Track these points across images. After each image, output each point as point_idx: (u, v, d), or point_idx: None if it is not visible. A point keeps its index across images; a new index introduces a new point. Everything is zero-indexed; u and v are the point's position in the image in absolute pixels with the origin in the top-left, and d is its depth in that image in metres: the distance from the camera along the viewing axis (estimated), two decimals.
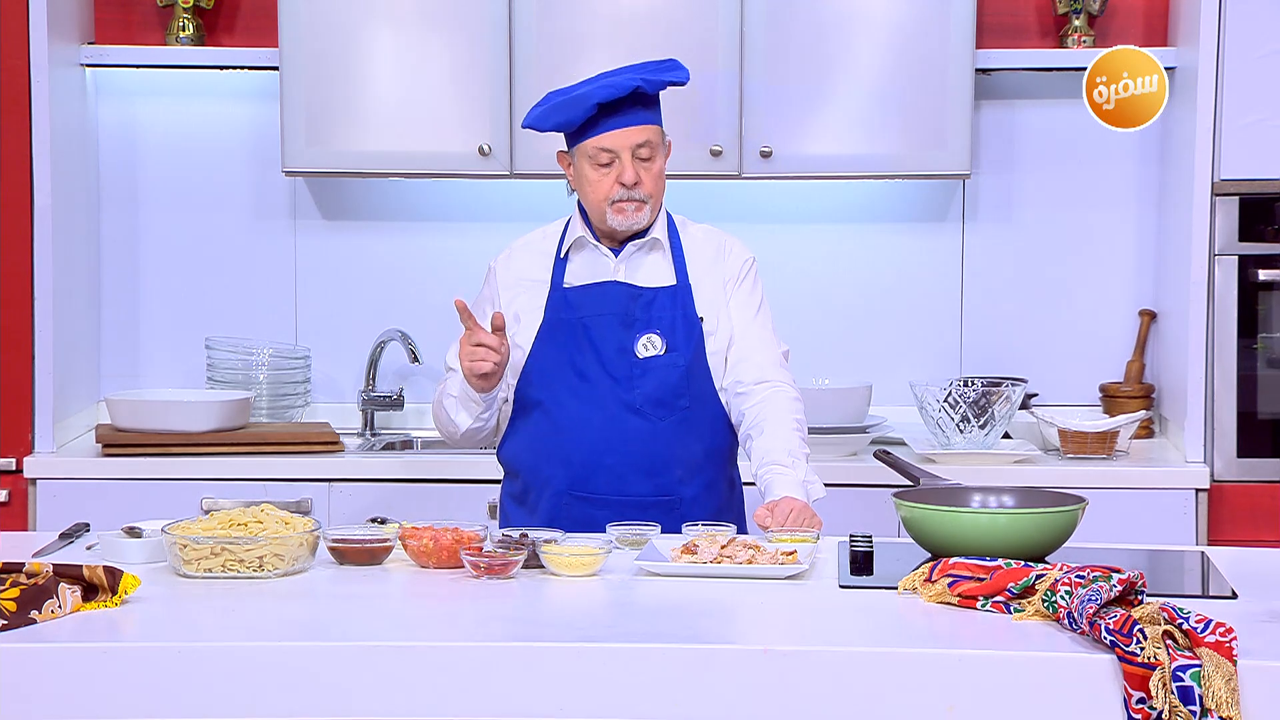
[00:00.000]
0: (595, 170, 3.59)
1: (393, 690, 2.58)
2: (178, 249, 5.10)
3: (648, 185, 3.60)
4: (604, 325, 3.62)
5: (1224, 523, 4.45)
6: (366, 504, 4.41)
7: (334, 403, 5.08)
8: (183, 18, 4.92)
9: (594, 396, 3.60)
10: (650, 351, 3.61)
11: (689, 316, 3.63)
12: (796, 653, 2.58)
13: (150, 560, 3.09)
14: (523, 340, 3.66)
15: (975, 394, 4.64)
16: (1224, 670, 2.46)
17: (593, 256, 3.68)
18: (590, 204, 3.64)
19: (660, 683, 2.57)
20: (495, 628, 2.76)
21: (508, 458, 3.75)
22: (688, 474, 3.62)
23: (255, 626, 2.75)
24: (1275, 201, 4.48)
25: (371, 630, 2.75)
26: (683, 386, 3.60)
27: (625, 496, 3.57)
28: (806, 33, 4.65)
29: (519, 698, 2.58)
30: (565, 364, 3.62)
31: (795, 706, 2.55)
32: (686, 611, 2.85)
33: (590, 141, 3.58)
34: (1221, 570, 3.12)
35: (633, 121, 3.58)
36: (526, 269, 3.72)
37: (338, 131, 4.75)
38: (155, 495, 4.44)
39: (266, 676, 2.59)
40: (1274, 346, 4.52)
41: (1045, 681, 2.53)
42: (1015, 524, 3.08)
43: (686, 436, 3.62)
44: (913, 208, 5.02)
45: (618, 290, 3.64)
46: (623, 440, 3.58)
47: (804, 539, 3.22)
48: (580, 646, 2.63)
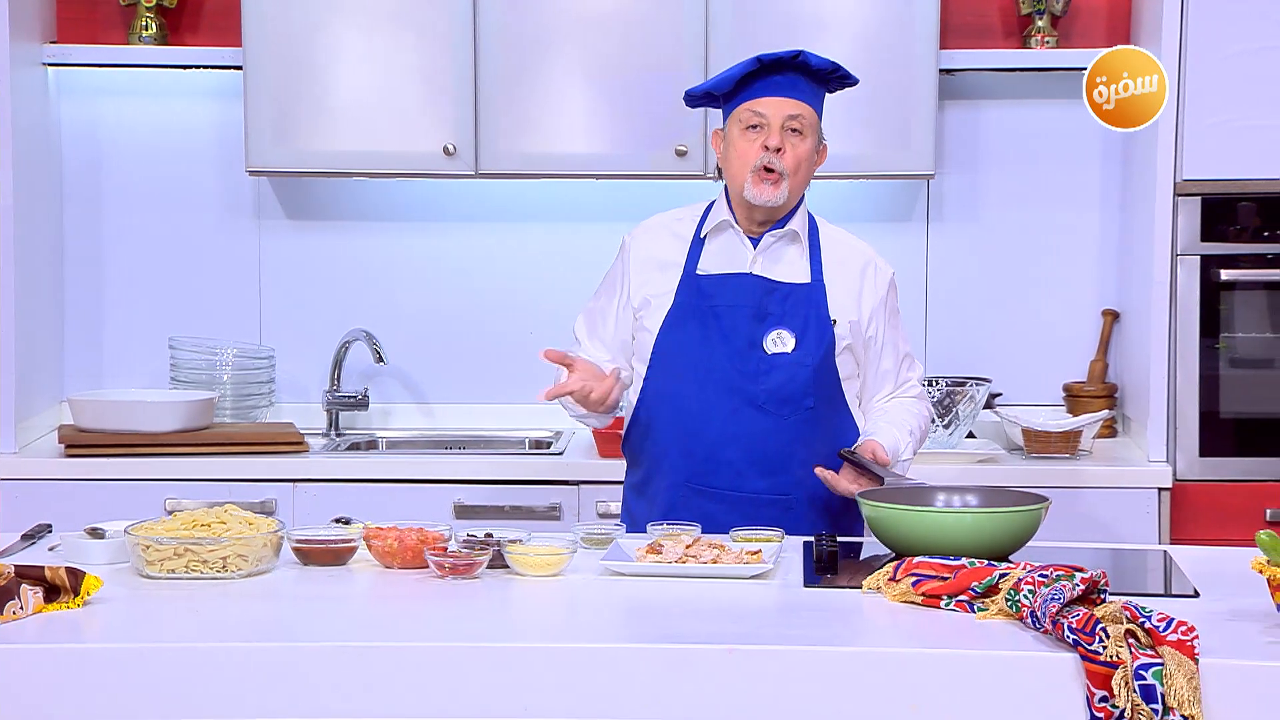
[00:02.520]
0: (744, 135, 3.56)
1: (357, 691, 2.58)
2: (141, 249, 5.08)
3: (790, 160, 3.55)
4: (735, 317, 3.59)
5: (1186, 522, 4.47)
6: (331, 504, 4.40)
7: (298, 403, 5.07)
8: (145, 17, 4.91)
9: (719, 388, 3.57)
10: (779, 348, 3.58)
11: (821, 317, 3.60)
12: (761, 652, 2.59)
13: (113, 561, 3.08)
14: (651, 324, 3.63)
15: (940, 393, 4.65)
16: (1186, 669, 2.47)
17: (730, 243, 3.64)
18: (733, 174, 3.59)
19: (625, 683, 2.57)
20: (460, 628, 2.76)
21: (633, 448, 3.72)
22: (806, 475, 3.58)
23: (218, 627, 2.74)
24: (1237, 201, 4.50)
25: (336, 631, 2.75)
26: (809, 386, 3.58)
27: (741, 492, 3.56)
28: (771, 33, 4.65)
29: (483, 698, 2.57)
30: (692, 353, 3.59)
31: (759, 706, 2.55)
32: (651, 611, 2.85)
33: (745, 105, 3.56)
34: (1184, 569, 3.13)
35: (790, 93, 3.56)
36: (660, 249, 3.68)
37: (302, 131, 4.73)
38: (118, 496, 4.42)
39: (230, 677, 2.58)
40: (1236, 346, 4.54)
41: (1008, 680, 2.54)
42: (979, 523, 3.09)
43: (809, 436, 3.59)
44: (878, 208, 5.03)
45: (752, 283, 3.60)
46: (745, 435, 3.56)
47: (769, 538, 3.23)
48: (544, 647, 2.63)
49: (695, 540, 3.15)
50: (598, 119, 4.72)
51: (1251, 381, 4.56)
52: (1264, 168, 4.46)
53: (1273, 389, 4.56)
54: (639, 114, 4.70)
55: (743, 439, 3.56)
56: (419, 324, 5.10)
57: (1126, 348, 4.93)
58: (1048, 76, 4.96)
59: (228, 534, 3.02)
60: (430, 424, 5.09)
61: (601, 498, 4.47)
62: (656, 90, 4.64)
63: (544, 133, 4.70)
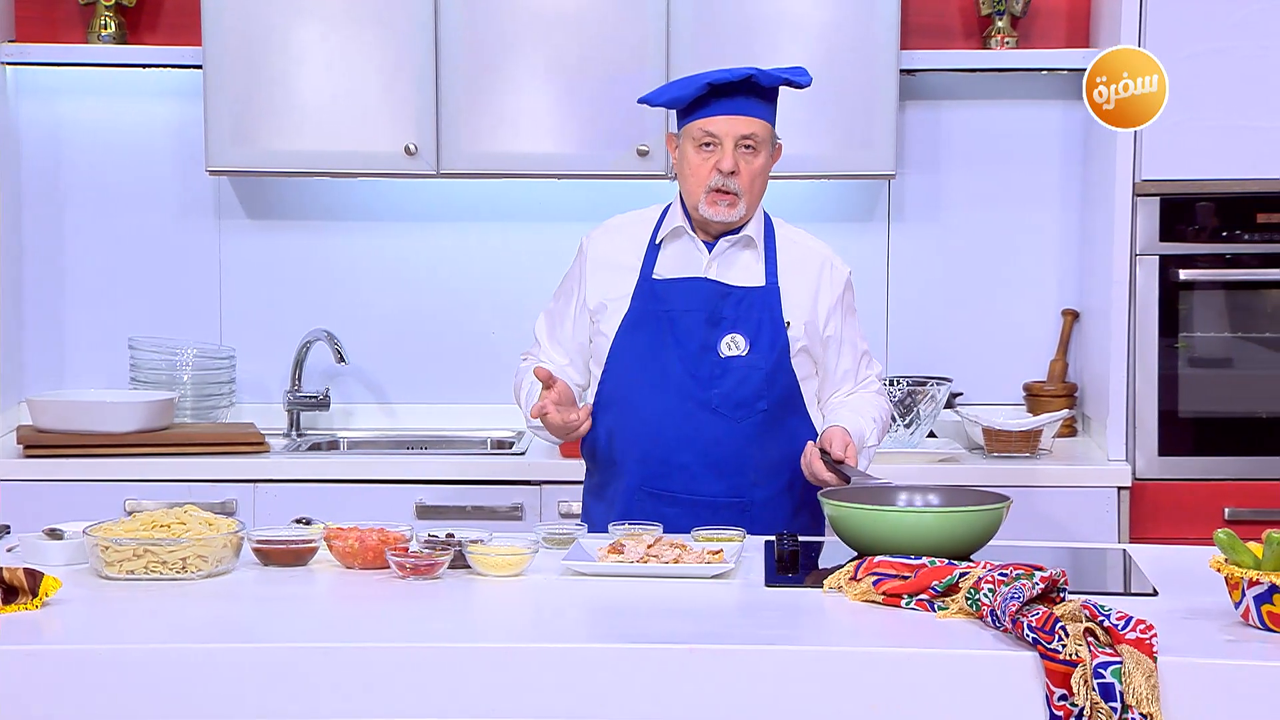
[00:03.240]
0: (697, 153, 3.56)
1: (317, 691, 2.57)
2: (101, 248, 5.06)
3: (744, 179, 3.56)
4: (690, 321, 3.59)
5: (1145, 520, 4.49)
6: (292, 505, 4.38)
7: (259, 403, 5.05)
8: (105, 15, 4.89)
9: (673, 392, 3.58)
10: (733, 351, 3.59)
11: (775, 320, 3.61)
12: (722, 652, 2.59)
13: (71, 562, 3.07)
14: (607, 328, 3.64)
15: (901, 393, 4.66)
16: (1144, 667, 2.48)
17: (686, 248, 3.65)
18: (687, 189, 3.60)
19: (586, 682, 2.57)
20: (421, 629, 2.75)
21: (588, 450, 3.73)
22: (762, 477, 3.60)
23: (178, 628, 2.73)
24: (1196, 202, 4.52)
25: (296, 632, 2.74)
26: (763, 389, 3.59)
27: (698, 496, 3.56)
28: (733, 33, 4.66)
29: (445, 698, 2.57)
30: (648, 357, 3.60)
31: (721, 705, 2.56)
32: (612, 611, 2.85)
33: (697, 123, 3.56)
34: (1143, 568, 3.14)
35: (742, 111, 3.55)
36: (617, 253, 3.69)
37: (262, 130, 4.72)
38: (78, 497, 4.40)
39: (190, 678, 2.57)
40: (1195, 346, 4.56)
41: (968, 679, 2.55)
42: (940, 523, 3.10)
43: (763, 439, 3.60)
44: (839, 207, 5.04)
45: (707, 287, 3.61)
46: (698, 439, 3.57)
47: (730, 538, 3.23)
48: (506, 647, 2.62)
49: (657, 540, 3.15)
50: (559, 119, 4.71)
51: (1210, 381, 4.58)
52: (1222, 168, 4.48)
53: (1231, 388, 4.58)
54: (600, 114, 4.70)
55: (697, 443, 3.57)
56: (380, 324, 5.09)
57: (1086, 347, 4.95)
58: (1008, 77, 4.97)
59: (187, 535, 3.01)
60: (392, 424, 5.08)
61: (563, 498, 4.47)
62: (618, 90, 4.64)
63: (506, 132, 4.70)
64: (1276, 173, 4.47)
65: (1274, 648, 2.57)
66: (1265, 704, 2.49)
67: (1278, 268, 4.52)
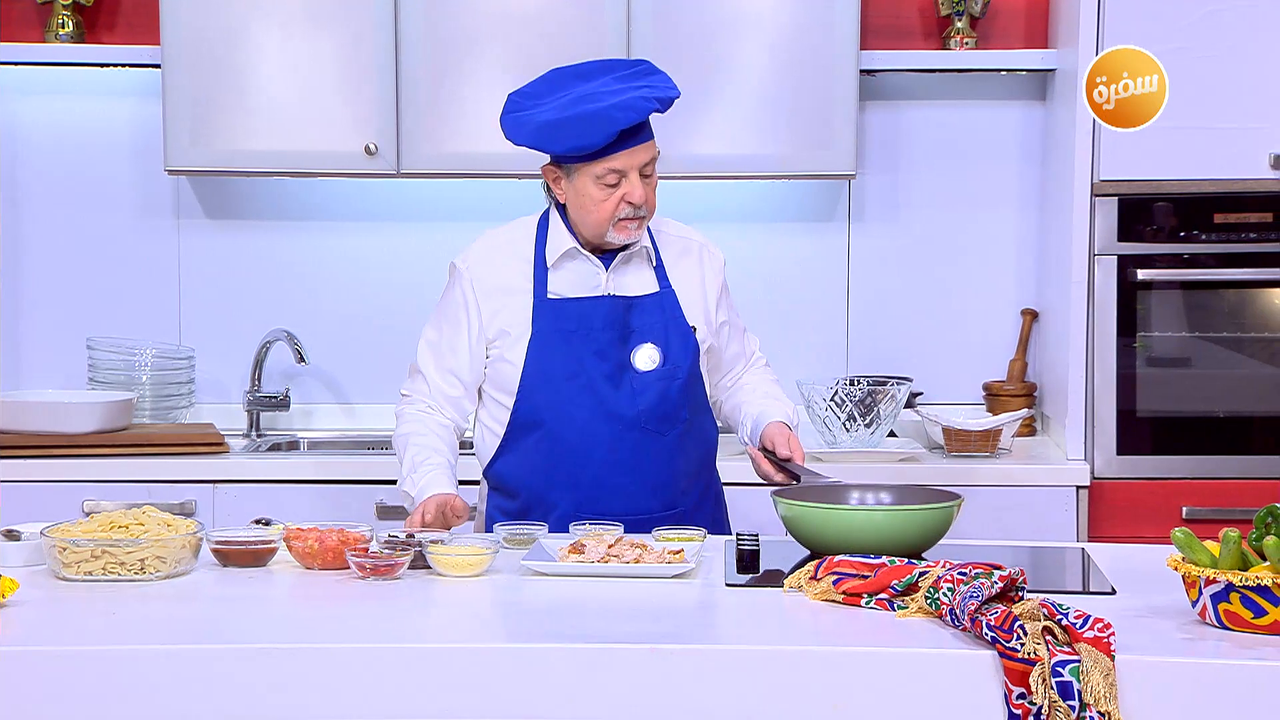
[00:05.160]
0: (601, 190, 3.48)
1: (276, 692, 2.56)
2: (59, 248, 5.03)
3: (650, 201, 3.53)
4: (602, 341, 3.55)
5: (1104, 519, 4.51)
6: (252, 505, 4.37)
7: (219, 403, 5.04)
8: (62, 14, 4.86)
9: (599, 414, 3.54)
10: (650, 365, 3.56)
11: (681, 327, 3.60)
12: (682, 651, 2.59)
13: (29, 563, 3.05)
14: (513, 356, 3.56)
15: (861, 393, 4.67)
16: (1102, 665, 2.49)
17: (580, 265, 3.59)
18: (590, 223, 3.52)
19: (547, 683, 2.57)
20: (381, 629, 2.75)
21: (503, 476, 3.64)
22: (690, 485, 3.62)
23: (137, 630, 2.72)
24: (1154, 202, 4.54)
25: (255, 632, 2.73)
26: (682, 399, 3.58)
27: (635, 514, 3.51)
28: (693, 34, 4.66)
29: (404, 699, 2.57)
30: (564, 381, 3.54)
31: (681, 705, 2.56)
32: (573, 611, 2.85)
33: (601, 163, 3.47)
34: (1101, 567, 3.16)
35: (642, 139, 3.49)
36: (504, 277, 3.60)
37: (221, 130, 4.70)
38: (35, 498, 4.38)
39: (148, 680, 2.56)
40: (1153, 345, 4.58)
41: (928, 678, 2.56)
42: (892, 521, 3.11)
43: (688, 448, 3.61)
44: (799, 208, 5.05)
45: (611, 303, 3.56)
46: (631, 459, 3.55)
47: (691, 538, 3.24)
48: (466, 647, 2.62)
49: (618, 540, 3.15)
50: None
51: (1168, 380, 4.60)
52: (1180, 168, 4.50)
53: (1189, 388, 4.60)
54: None
55: (629, 463, 3.55)
56: (340, 324, 5.08)
57: (1045, 347, 4.97)
58: (967, 77, 4.99)
59: (146, 535, 3.00)
60: (352, 424, 5.07)
61: None
62: None
63: (465, 132, 4.69)
64: (1234, 173, 4.49)
65: (1230, 646, 2.59)
66: (1222, 702, 2.50)
67: (1235, 267, 4.55)
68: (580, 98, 3.48)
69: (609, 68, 3.61)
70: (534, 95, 3.57)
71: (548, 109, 3.50)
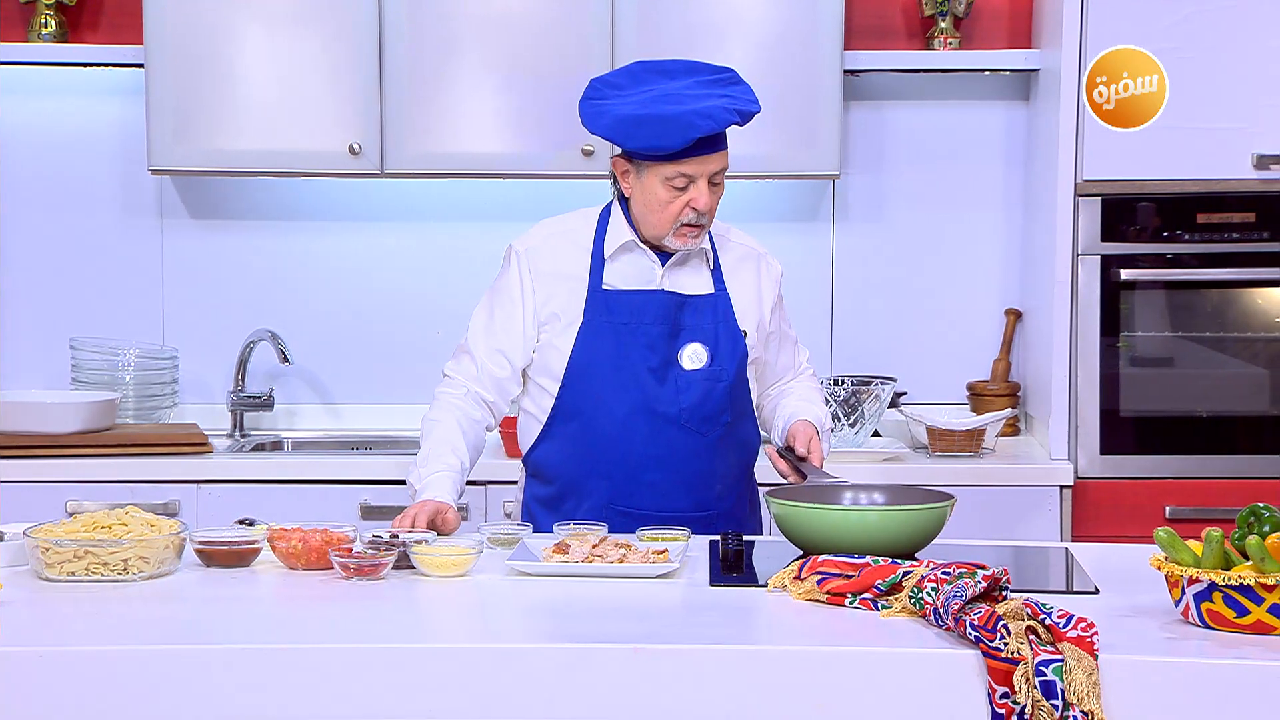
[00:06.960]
0: (669, 191, 3.48)
1: (259, 693, 2.56)
2: (42, 248, 5.02)
3: (713, 210, 3.52)
4: (651, 335, 3.54)
5: (1087, 519, 4.52)
6: (236, 506, 4.36)
7: (203, 403, 5.03)
8: (45, 14, 4.85)
9: (640, 408, 3.53)
10: (696, 364, 3.55)
11: (732, 330, 3.59)
12: (666, 651, 2.59)
13: (12, 564, 3.05)
14: (561, 342, 3.56)
15: (845, 392, 4.68)
16: (1085, 665, 2.49)
17: (637, 259, 3.58)
18: (652, 222, 3.52)
19: (531, 683, 2.57)
20: (365, 629, 2.74)
21: (541, 463, 3.65)
22: (726, 489, 3.61)
23: (120, 630, 2.72)
24: (1137, 202, 4.55)
25: (239, 633, 2.73)
26: (726, 401, 3.57)
27: (666, 512, 3.52)
28: (677, 35, 4.67)
29: (388, 700, 2.56)
30: (610, 372, 3.54)
31: (665, 705, 2.56)
32: (556, 611, 2.85)
33: (673, 165, 3.45)
34: (1084, 566, 3.16)
35: (718, 147, 3.47)
36: (561, 263, 3.59)
37: (205, 130, 4.70)
38: (19, 498, 4.37)
39: (131, 680, 2.56)
40: (1136, 345, 4.59)
41: (912, 678, 2.56)
42: (885, 521, 3.11)
43: (727, 451, 3.60)
44: (784, 207, 5.05)
45: (664, 299, 3.56)
46: (668, 455, 3.54)
47: (675, 537, 3.24)
48: (450, 647, 2.62)
49: (602, 540, 3.15)
50: (503, 119, 4.71)
51: (1151, 380, 4.61)
52: (1163, 168, 4.50)
53: (1172, 387, 4.61)
54: (544, 114, 4.69)
55: (665, 459, 3.54)
56: (324, 324, 5.07)
57: (1029, 347, 4.97)
58: (951, 77, 5.00)
59: (129, 536, 2.99)
60: (336, 424, 5.07)
61: (508, 498, 4.45)
62: (562, 90, 4.64)
63: (449, 132, 4.69)
64: (1217, 173, 4.50)
65: (1214, 645, 2.59)
66: (1205, 701, 2.51)
67: (1218, 267, 4.56)
68: (661, 96, 3.48)
69: (693, 69, 3.59)
70: (616, 85, 3.56)
71: (628, 102, 3.50)
